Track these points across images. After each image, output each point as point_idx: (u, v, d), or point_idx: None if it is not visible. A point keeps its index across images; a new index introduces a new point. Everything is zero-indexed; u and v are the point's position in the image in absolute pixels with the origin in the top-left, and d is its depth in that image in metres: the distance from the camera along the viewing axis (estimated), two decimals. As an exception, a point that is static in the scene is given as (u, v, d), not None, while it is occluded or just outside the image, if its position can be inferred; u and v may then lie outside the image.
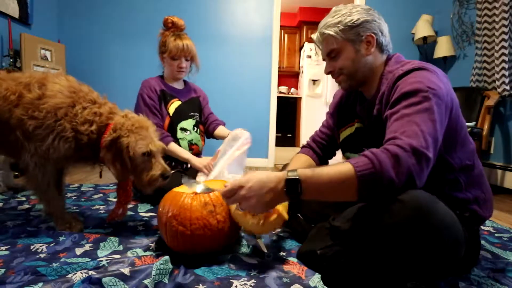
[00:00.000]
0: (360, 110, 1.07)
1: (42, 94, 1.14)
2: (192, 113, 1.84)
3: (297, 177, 0.75)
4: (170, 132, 1.75)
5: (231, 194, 0.82)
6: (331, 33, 0.98)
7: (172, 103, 1.78)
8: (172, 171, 1.57)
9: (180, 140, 1.78)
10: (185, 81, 1.92)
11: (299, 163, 1.23)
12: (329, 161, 1.28)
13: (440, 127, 0.79)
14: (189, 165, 1.76)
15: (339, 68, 1.01)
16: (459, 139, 0.88)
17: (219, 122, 1.93)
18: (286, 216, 0.97)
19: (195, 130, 1.85)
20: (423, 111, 0.78)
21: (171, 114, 1.76)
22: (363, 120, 1.06)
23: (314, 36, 1.05)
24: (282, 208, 0.97)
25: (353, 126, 1.09)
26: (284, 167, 1.31)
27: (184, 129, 1.80)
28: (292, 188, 0.75)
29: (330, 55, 1.02)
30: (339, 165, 0.75)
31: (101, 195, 1.83)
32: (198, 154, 1.85)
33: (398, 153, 0.71)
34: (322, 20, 1.02)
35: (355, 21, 0.95)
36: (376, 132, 0.96)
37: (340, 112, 1.16)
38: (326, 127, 1.25)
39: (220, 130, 1.89)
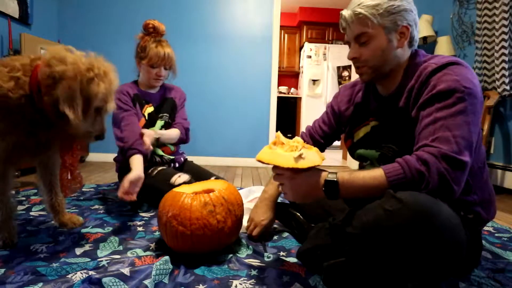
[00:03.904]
0: (377, 107, 1.02)
1: None
2: (161, 114, 1.74)
3: (335, 179, 0.80)
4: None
5: (280, 174, 0.86)
6: (367, 14, 0.87)
7: (146, 108, 1.70)
8: (160, 168, 1.61)
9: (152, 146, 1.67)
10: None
11: None
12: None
13: (474, 128, 0.79)
14: (176, 164, 1.78)
15: (365, 58, 0.92)
16: (478, 140, 0.87)
17: (177, 126, 1.76)
18: (321, 157, 0.86)
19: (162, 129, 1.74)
20: (457, 114, 0.77)
21: (146, 118, 1.68)
22: (379, 117, 1.01)
23: (346, 13, 0.91)
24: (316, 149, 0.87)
25: (368, 125, 1.03)
26: None
27: None
28: (331, 187, 0.81)
29: (359, 40, 0.91)
30: (373, 172, 0.80)
31: (101, 195, 1.83)
32: (171, 154, 1.78)
33: (427, 158, 0.75)
34: None
35: (395, 7, 0.87)
36: (399, 126, 0.92)
37: (353, 111, 1.10)
38: (328, 125, 1.19)
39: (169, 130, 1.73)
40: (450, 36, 2.95)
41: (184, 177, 1.52)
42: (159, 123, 1.73)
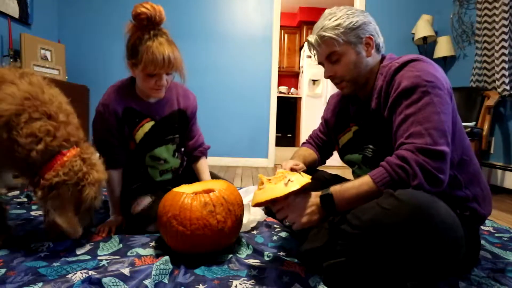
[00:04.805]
0: (355, 112, 1.07)
1: None
2: (170, 136, 1.36)
3: (329, 192, 0.85)
4: (135, 160, 1.35)
5: (279, 208, 0.88)
6: (332, 35, 0.94)
7: (141, 126, 1.29)
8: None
9: (149, 168, 1.38)
10: None
11: (306, 153, 1.23)
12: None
13: (446, 116, 0.81)
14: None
15: (340, 75, 0.99)
16: (456, 131, 0.89)
17: (201, 153, 1.47)
18: (308, 177, 0.90)
19: (176, 155, 1.42)
20: (425, 107, 0.81)
21: (137, 141, 1.30)
22: (358, 122, 1.06)
23: (312, 38, 0.99)
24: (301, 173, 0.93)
25: (350, 130, 1.09)
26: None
27: (156, 158, 1.36)
28: (327, 202, 0.85)
29: (331, 59, 0.98)
30: (361, 179, 0.84)
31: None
32: (175, 170, 1.47)
33: (404, 154, 0.78)
34: (318, 23, 0.99)
35: (354, 23, 0.94)
36: (375, 127, 0.96)
37: (335, 119, 1.16)
38: (322, 132, 1.25)
39: (199, 168, 1.46)
40: (450, 36, 2.96)
41: (143, 203, 1.29)
42: (170, 148, 1.38)
